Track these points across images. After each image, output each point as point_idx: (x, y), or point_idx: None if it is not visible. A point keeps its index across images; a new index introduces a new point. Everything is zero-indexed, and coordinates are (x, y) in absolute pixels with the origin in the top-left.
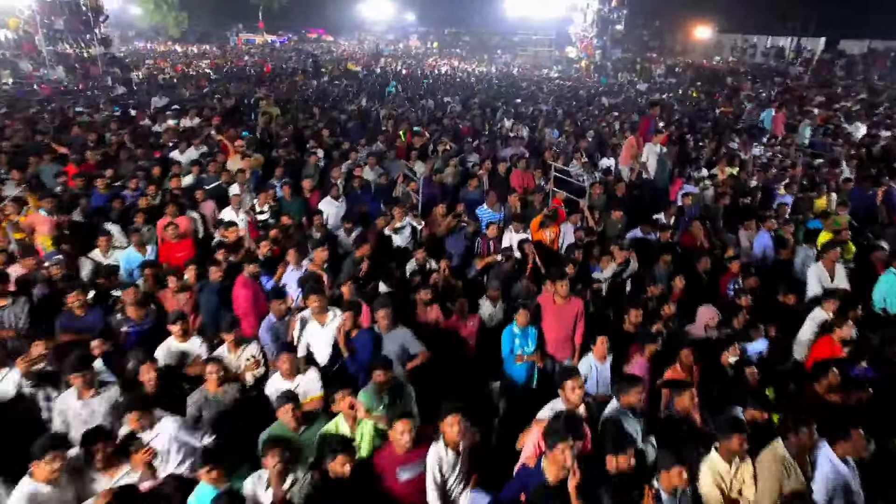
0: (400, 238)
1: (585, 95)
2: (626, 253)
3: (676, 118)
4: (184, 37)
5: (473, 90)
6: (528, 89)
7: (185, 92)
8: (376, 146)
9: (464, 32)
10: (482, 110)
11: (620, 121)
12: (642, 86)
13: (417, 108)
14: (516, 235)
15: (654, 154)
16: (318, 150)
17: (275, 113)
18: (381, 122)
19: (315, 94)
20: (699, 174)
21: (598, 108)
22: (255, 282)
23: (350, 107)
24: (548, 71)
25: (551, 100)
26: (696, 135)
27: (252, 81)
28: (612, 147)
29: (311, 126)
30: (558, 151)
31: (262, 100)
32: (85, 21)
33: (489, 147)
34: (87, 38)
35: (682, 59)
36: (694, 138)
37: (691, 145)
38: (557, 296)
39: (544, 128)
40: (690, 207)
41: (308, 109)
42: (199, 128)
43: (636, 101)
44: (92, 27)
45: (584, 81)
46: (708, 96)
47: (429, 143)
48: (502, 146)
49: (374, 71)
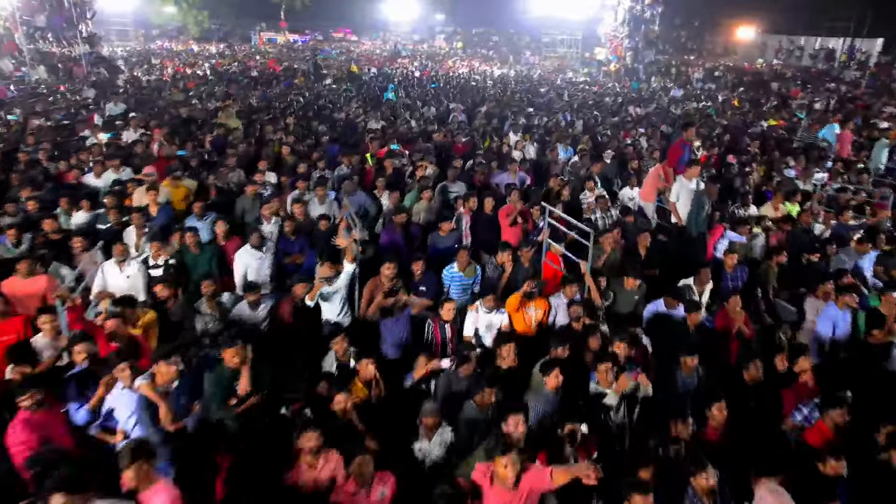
0: (330, 308)
1: (611, 103)
2: (634, 375)
3: (716, 132)
4: (206, 36)
5: (484, 96)
6: (547, 95)
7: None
8: (338, 170)
9: (493, 32)
10: (488, 121)
11: (649, 136)
12: (677, 92)
13: (414, 117)
14: (485, 317)
15: (688, 192)
16: (266, 176)
17: (233, 126)
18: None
19: (307, 101)
20: (745, 212)
21: (623, 120)
22: (49, 415)
23: (338, 115)
24: (572, 74)
25: (570, 108)
26: (741, 156)
27: (244, 84)
28: (637, 172)
29: (277, 141)
30: (567, 178)
31: (221, 110)
32: (68, 18)
33: (480, 171)
34: (69, 36)
35: (723, 61)
36: (738, 161)
37: (735, 170)
38: (498, 480)
39: (557, 143)
40: (734, 270)
41: (287, 119)
42: (143, 144)
43: (669, 111)
44: (76, 24)
45: (611, 87)
46: (753, 105)
47: (404, 167)
48: (499, 169)
49: (383, 73)
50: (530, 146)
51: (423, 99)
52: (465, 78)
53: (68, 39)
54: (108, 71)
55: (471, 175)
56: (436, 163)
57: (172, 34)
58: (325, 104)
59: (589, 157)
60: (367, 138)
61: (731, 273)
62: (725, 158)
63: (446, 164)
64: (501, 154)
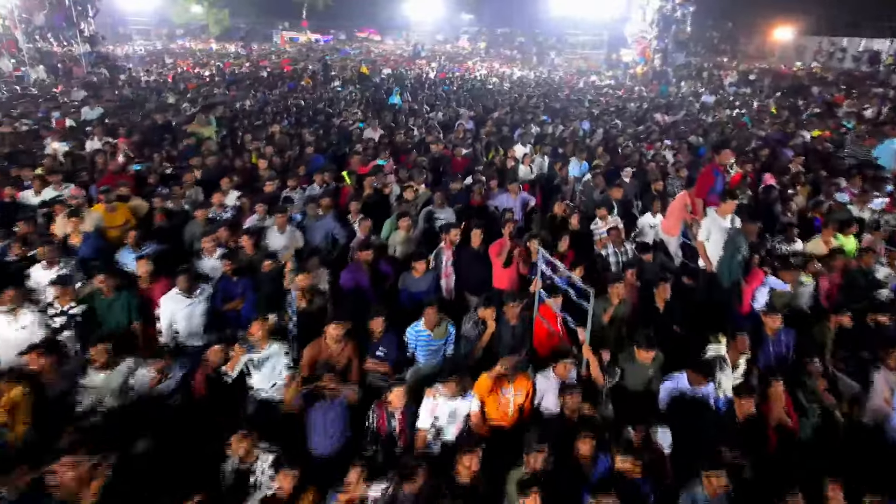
0: (260, 379)
1: (635, 109)
2: None
3: (752, 146)
4: (228, 35)
5: (498, 101)
6: (567, 100)
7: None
8: (310, 189)
9: (518, 33)
10: (498, 129)
11: (675, 151)
12: (708, 98)
13: (417, 124)
14: (447, 405)
15: (720, 230)
16: (228, 196)
17: (207, 135)
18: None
19: (305, 105)
20: (788, 247)
21: (648, 130)
22: None
23: (336, 121)
24: (596, 77)
25: (591, 116)
26: (781, 175)
27: (245, 86)
28: (660, 194)
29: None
30: (577, 202)
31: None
32: (68, 17)
33: (478, 191)
34: (69, 35)
35: (757, 64)
36: (778, 181)
37: (775, 193)
38: None
39: (572, 157)
40: (776, 334)
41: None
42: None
43: (699, 120)
44: (75, 23)
45: (638, 91)
46: (792, 113)
47: (385, 187)
48: (500, 188)
49: (396, 74)
50: (541, 160)
51: (432, 103)
52: (482, 80)
53: (67, 38)
54: (109, 71)
55: (467, 196)
56: (431, 179)
57: (196, 33)
58: (323, 108)
59: (604, 175)
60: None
61: (774, 338)
62: (762, 177)
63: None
64: (505, 169)
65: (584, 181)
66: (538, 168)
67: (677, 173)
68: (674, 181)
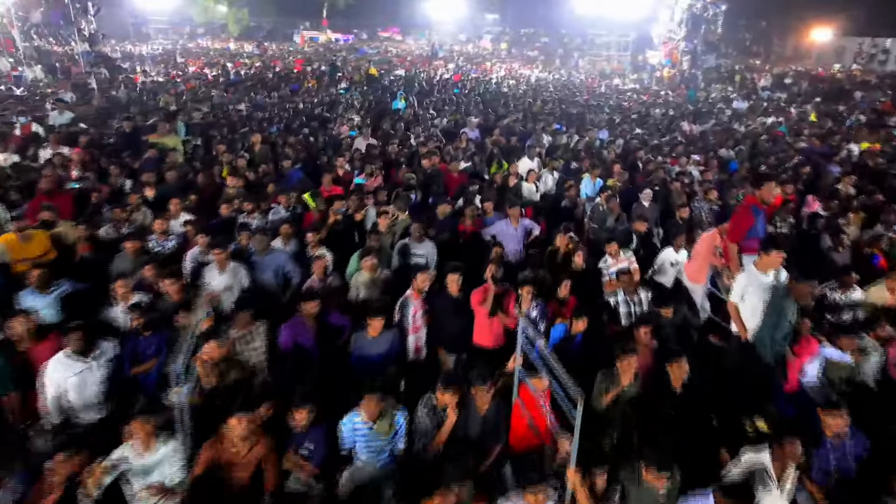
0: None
1: (660, 116)
2: None
3: (792, 164)
4: (248, 34)
5: (510, 105)
6: (587, 105)
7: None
8: (272, 213)
9: (542, 34)
10: (507, 138)
11: (704, 167)
12: (741, 104)
13: (415, 132)
14: None
15: (760, 288)
16: (172, 222)
17: (171, 145)
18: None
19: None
20: (844, 296)
21: (673, 142)
22: None
23: (331, 127)
24: (620, 81)
25: (610, 124)
26: (830, 200)
27: (244, 88)
28: (686, 223)
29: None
30: (586, 232)
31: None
32: (65, 14)
33: (470, 216)
34: (66, 34)
35: (794, 66)
36: (826, 206)
37: (822, 222)
38: None
39: (585, 174)
40: (839, 438)
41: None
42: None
43: (731, 129)
44: (73, 21)
45: (664, 95)
46: (835, 121)
47: (360, 210)
48: (496, 213)
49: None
50: (549, 176)
51: (440, 108)
52: (498, 82)
53: (65, 37)
54: (109, 71)
55: (455, 222)
56: (419, 199)
57: (217, 32)
58: (320, 113)
59: (621, 196)
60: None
61: (836, 444)
62: (805, 200)
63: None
64: (506, 188)
65: (596, 204)
66: (545, 186)
67: (706, 196)
68: (701, 205)
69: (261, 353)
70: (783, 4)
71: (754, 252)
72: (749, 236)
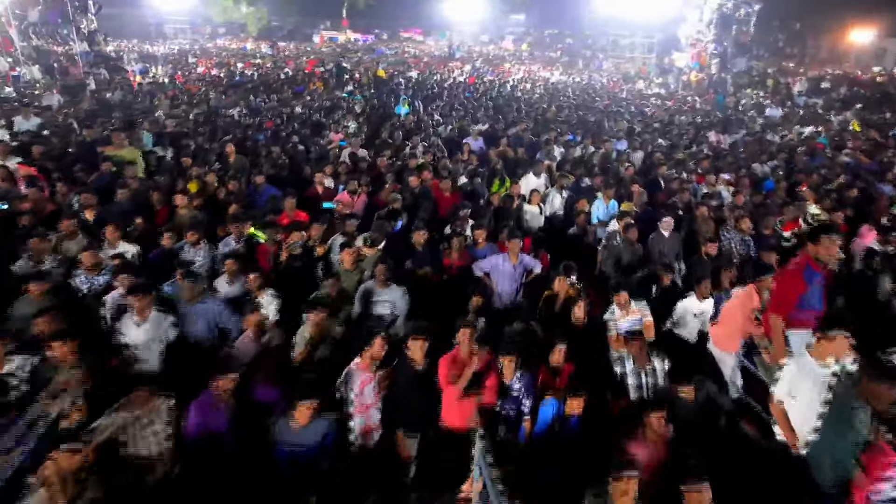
0: None
1: (686, 124)
2: None
3: (837, 182)
4: (270, 34)
5: (523, 112)
6: (606, 112)
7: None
8: (222, 244)
9: (567, 34)
10: (514, 149)
11: (735, 186)
12: (774, 111)
13: (413, 142)
14: None
15: (818, 384)
16: (104, 253)
17: (128, 158)
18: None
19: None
20: None
21: (700, 155)
22: None
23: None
24: (644, 85)
25: (630, 133)
26: (889, 234)
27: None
28: (713, 261)
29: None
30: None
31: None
32: (63, 13)
33: (456, 248)
34: (64, 34)
35: (830, 69)
36: (882, 239)
37: (878, 260)
38: None
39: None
40: None
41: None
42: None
43: (764, 140)
44: (71, 20)
45: (690, 102)
46: (879, 131)
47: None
48: (488, 243)
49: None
50: (557, 196)
51: (447, 113)
52: (514, 86)
53: (63, 37)
54: (109, 72)
55: (438, 254)
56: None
57: (237, 32)
58: (317, 119)
59: (639, 221)
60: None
61: None
62: (858, 231)
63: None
64: (505, 212)
65: (610, 233)
66: (552, 207)
67: (737, 224)
68: (731, 235)
69: (161, 439)
70: (819, 4)
71: (808, 327)
72: (800, 307)
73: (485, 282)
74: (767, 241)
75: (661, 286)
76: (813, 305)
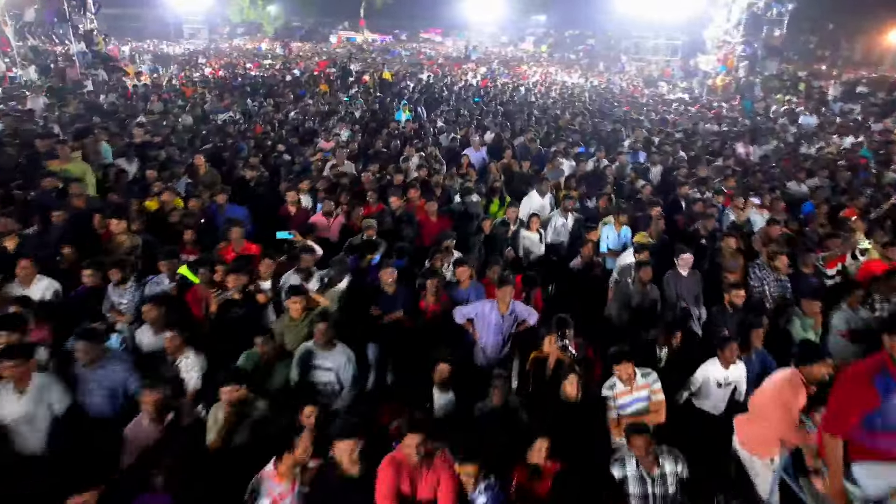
0: None
1: (712, 135)
2: None
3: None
4: (288, 34)
5: (533, 118)
6: (624, 119)
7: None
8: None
9: (589, 35)
10: (520, 162)
11: (769, 210)
12: (808, 118)
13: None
14: None
15: None
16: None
17: (76, 174)
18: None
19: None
20: None
21: (726, 171)
22: None
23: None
24: (668, 89)
25: (648, 144)
26: None
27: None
28: (740, 313)
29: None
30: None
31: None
32: (59, 12)
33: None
34: (60, 33)
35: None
36: None
37: None
38: None
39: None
40: None
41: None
42: None
43: (800, 154)
44: (68, 19)
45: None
46: None
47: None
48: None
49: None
50: (560, 220)
51: (452, 119)
52: (528, 89)
53: (59, 36)
54: (106, 72)
55: (412, 296)
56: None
57: (254, 32)
58: (312, 126)
59: (655, 254)
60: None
61: None
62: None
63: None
64: (500, 240)
65: (622, 268)
66: (555, 234)
67: (770, 262)
68: (764, 274)
69: None
70: (854, 4)
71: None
72: (867, 427)
73: (467, 330)
74: (809, 282)
75: (672, 349)
76: (890, 424)
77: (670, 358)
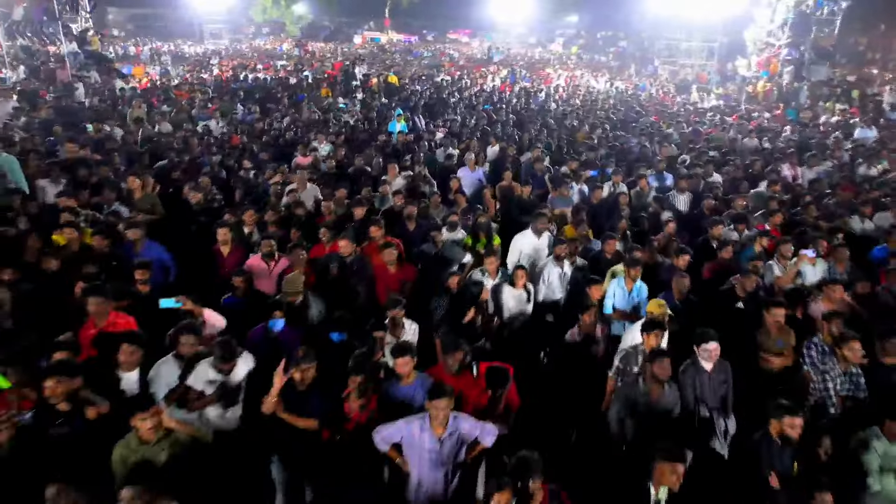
0: None
1: (753, 152)
2: None
3: None
4: (312, 33)
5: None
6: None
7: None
8: None
9: (621, 36)
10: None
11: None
12: (866, 132)
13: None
14: None
15: None
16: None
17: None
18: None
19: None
20: None
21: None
22: None
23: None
24: (700, 96)
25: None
26: None
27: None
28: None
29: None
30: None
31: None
32: (49, 11)
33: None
34: (49, 33)
35: None
36: None
37: None
38: None
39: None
40: None
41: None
42: None
43: (860, 178)
44: (59, 18)
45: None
46: None
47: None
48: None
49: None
50: (556, 271)
51: (457, 131)
52: (549, 94)
53: (49, 36)
54: (100, 74)
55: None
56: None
57: (278, 32)
58: (294, 137)
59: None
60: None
61: None
62: None
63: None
64: (469, 304)
65: (627, 351)
66: (549, 292)
67: (840, 349)
68: (829, 368)
69: None
70: None
71: None
72: None
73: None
74: (891, 378)
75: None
76: None
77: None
